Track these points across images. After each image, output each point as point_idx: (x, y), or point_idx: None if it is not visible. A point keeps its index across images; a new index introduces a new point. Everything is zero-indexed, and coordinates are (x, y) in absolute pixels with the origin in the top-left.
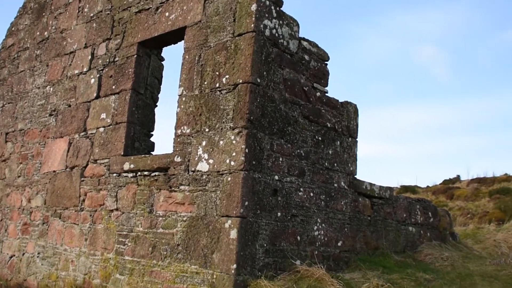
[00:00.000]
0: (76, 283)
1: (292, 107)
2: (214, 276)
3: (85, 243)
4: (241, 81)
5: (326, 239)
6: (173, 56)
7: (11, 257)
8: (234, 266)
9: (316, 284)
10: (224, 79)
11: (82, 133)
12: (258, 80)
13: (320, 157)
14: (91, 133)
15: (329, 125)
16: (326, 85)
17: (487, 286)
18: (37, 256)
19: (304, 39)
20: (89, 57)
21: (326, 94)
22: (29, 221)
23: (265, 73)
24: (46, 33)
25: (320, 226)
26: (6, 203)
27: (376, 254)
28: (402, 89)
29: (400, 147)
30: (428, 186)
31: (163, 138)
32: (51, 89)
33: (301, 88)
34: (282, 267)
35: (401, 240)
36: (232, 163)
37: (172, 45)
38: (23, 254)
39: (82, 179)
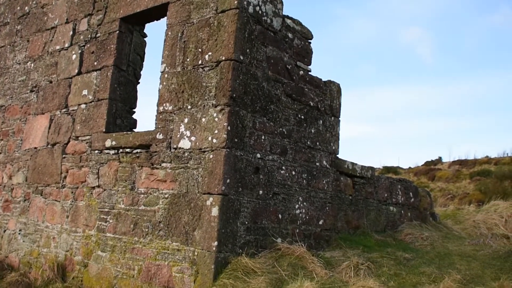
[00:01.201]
0: (58, 260)
1: (275, 85)
2: (196, 253)
3: (66, 220)
4: (224, 58)
5: (307, 217)
6: (156, 33)
7: None
8: (215, 243)
9: (297, 262)
10: (206, 56)
11: (64, 110)
12: (241, 58)
13: (303, 136)
14: (73, 110)
15: (312, 104)
16: (310, 64)
17: (465, 265)
18: (19, 233)
19: (288, 17)
20: (71, 32)
21: (310, 73)
22: (10, 198)
23: (248, 50)
24: (26, 8)
25: (301, 205)
26: None
27: (357, 233)
28: (387, 70)
29: (383, 128)
30: (410, 168)
31: (146, 116)
32: (32, 65)
33: (284, 66)
34: (263, 245)
35: (382, 220)
36: (214, 140)
37: (155, 21)
38: (4, 231)
39: (64, 156)
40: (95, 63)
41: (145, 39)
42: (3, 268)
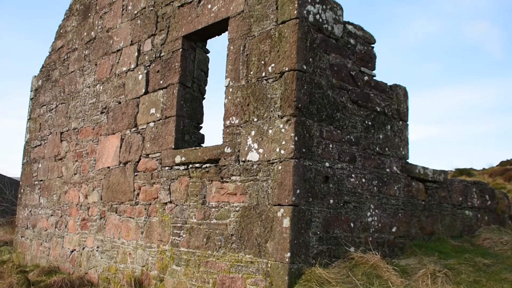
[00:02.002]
0: (135, 275)
1: (340, 93)
2: (269, 265)
3: (141, 236)
4: (287, 69)
5: (380, 225)
6: (218, 48)
7: (72, 251)
8: (288, 254)
9: (371, 271)
10: (270, 68)
11: (133, 129)
12: (304, 67)
13: (371, 142)
14: (142, 128)
15: (378, 109)
16: (374, 69)
17: None
18: (96, 250)
19: (348, 22)
20: (136, 53)
21: (374, 78)
22: (87, 216)
23: (311, 59)
24: (93, 33)
25: (373, 212)
26: (65, 200)
27: (431, 239)
28: (453, 68)
29: (453, 129)
30: (484, 168)
31: (212, 130)
32: (101, 87)
33: (348, 72)
34: (336, 255)
35: (457, 225)
36: (282, 151)
37: (216, 36)
38: (83, 248)
39: (136, 173)
40: (161, 82)
41: (207, 54)
42: (83, 284)
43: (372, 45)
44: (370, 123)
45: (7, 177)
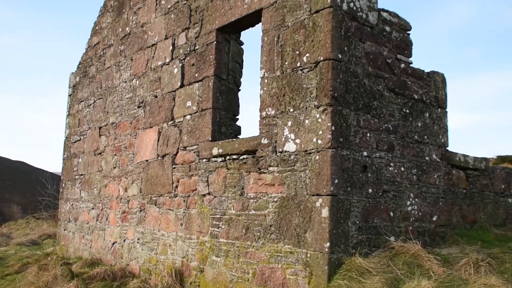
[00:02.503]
0: (175, 266)
1: (376, 81)
2: (308, 255)
3: (181, 228)
4: (322, 58)
5: (420, 214)
6: (252, 39)
7: (113, 243)
8: (328, 244)
9: (412, 260)
10: (304, 58)
11: (170, 122)
12: (339, 56)
13: (409, 130)
14: (179, 121)
15: (416, 96)
16: (410, 56)
17: None
18: (137, 242)
19: (383, 10)
20: (170, 47)
21: (411, 65)
22: (127, 209)
23: (345, 48)
24: (127, 28)
25: (413, 201)
26: (105, 194)
27: (473, 228)
28: (493, 53)
29: (495, 116)
30: None
31: (249, 121)
32: (137, 82)
33: (384, 60)
34: (376, 244)
35: (500, 213)
36: (319, 141)
37: (250, 28)
38: (124, 240)
39: (174, 166)
40: (196, 75)
41: (242, 46)
42: (125, 276)
43: (408, 32)
44: (407, 111)
45: (48, 172)
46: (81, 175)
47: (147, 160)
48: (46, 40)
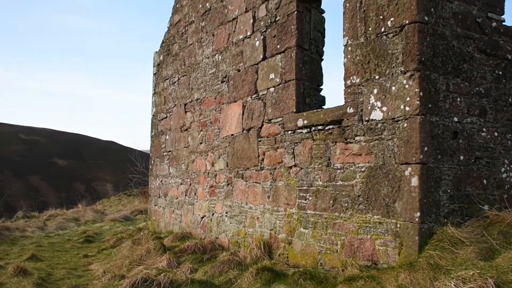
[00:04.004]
0: (263, 239)
1: (465, 42)
2: (398, 225)
3: (268, 200)
4: (407, 21)
5: None
6: (334, 6)
7: (202, 217)
8: (418, 214)
9: (508, 230)
10: (389, 22)
11: (254, 95)
12: (426, 18)
13: (503, 93)
14: (263, 94)
15: (509, 57)
16: (503, 13)
17: None
18: (225, 215)
19: None
20: (251, 20)
21: (503, 23)
22: (214, 183)
23: (432, 9)
24: (207, 4)
25: (508, 168)
26: (193, 169)
27: None
28: None
29: None
30: None
31: (333, 91)
32: (220, 57)
33: (474, 20)
34: (468, 213)
35: None
36: (407, 108)
37: None
38: (213, 214)
39: (259, 139)
40: (278, 46)
41: (323, 15)
42: (215, 248)
43: None
44: (500, 72)
45: (137, 150)
46: (169, 151)
47: (232, 135)
48: (129, 21)
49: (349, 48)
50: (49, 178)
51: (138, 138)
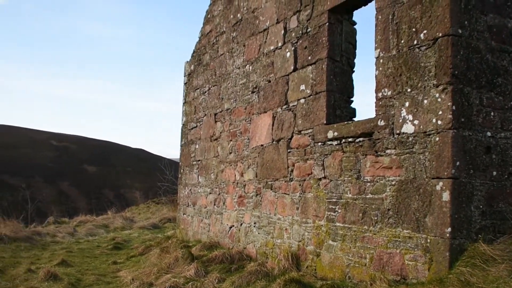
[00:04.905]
0: (291, 250)
1: (500, 56)
2: (428, 240)
3: (296, 212)
4: (440, 34)
5: None
6: (365, 19)
7: (230, 227)
8: (449, 229)
9: None
10: (421, 35)
11: (284, 106)
12: (459, 31)
13: None
14: (293, 105)
15: None
16: None
17: None
18: (254, 226)
19: None
20: (282, 31)
21: None
22: (243, 193)
23: (466, 22)
24: (238, 15)
25: None
26: (222, 178)
27: None
28: None
29: None
30: None
31: (363, 103)
32: (250, 67)
33: (509, 33)
34: (501, 230)
35: None
36: (439, 122)
37: (363, 7)
38: (241, 224)
39: (289, 150)
40: (309, 58)
41: (354, 26)
42: (242, 258)
43: None
44: None
45: (166, 159)
46: (198, 160)
47: (262, 145)
48: (159, 31)
49: (381, 61)
50: (79, 185)
51: (167, 147)
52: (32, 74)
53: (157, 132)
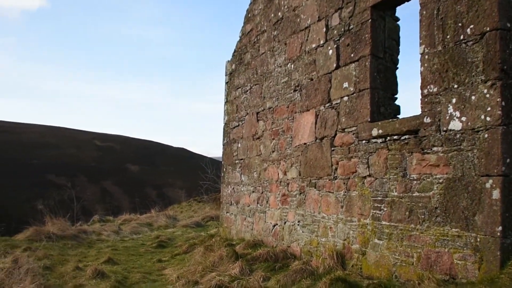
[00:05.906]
0: (336, 248)
1: None
2: (478, 239)
3: (341, 210)
4: (488, 28)
5: None
6: (409, 13)
7: (274, 226)
8: (500, 228)
9: None
10: (468, 30)
11: (327, 104)
12: (508, 25)
13: None
14: (336, 103)
15: None
16: None
17: None
18: (297, 224)
19: None
20: (324, 29)
21: None
22: (287, 192)
23: None
24: (279, 13)
25: None
26: (265, 177)
27: None
28: None
29: None
30: None
31: (408, 100)
32: (292, 65)
33: None
34: None
35: None
36: (488, 118)
37: (406, 2)
38: (285, 222)
39: (332, 148)
40: (352, 55)
41: (397, 22)
42: (287, 257)
43: None
44: None
45: (207, 157)
46: (241, 159)
47: (305, 143)
48: (199, 31)
49: (426, 57)
50: (122, 184)
51: (209, 146)
52: (77, 77)
53: (201, 132)
